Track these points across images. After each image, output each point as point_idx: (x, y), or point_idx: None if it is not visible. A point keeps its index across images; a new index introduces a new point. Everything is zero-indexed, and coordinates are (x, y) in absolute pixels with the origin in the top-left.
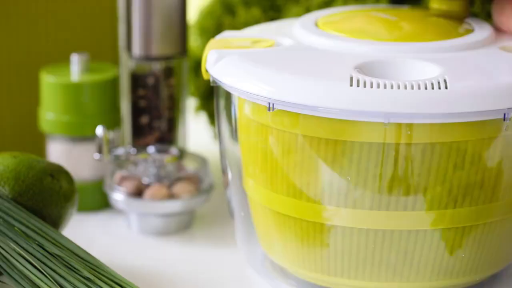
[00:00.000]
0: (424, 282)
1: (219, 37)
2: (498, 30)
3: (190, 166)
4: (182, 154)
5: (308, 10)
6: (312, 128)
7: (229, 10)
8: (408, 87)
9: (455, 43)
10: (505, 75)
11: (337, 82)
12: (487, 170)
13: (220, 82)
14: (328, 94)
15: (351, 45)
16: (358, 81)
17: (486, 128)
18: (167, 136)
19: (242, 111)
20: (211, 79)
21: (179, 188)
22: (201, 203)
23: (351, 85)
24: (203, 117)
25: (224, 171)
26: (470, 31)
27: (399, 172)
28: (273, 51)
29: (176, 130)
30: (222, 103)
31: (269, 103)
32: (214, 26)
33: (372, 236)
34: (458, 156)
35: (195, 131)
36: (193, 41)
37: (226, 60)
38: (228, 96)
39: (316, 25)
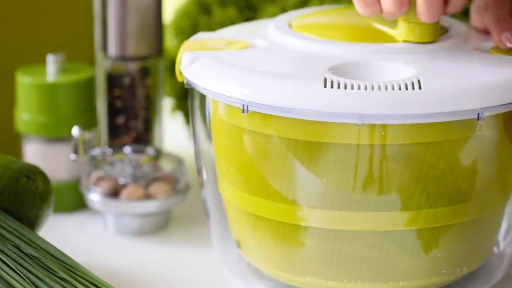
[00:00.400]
0: (400, 282)
1: (193, 38)
2: (475, 29)
3: (166, 166)
4: (158, 154)
5: (284, 9)
6: (287, 129)
7: (205, 10)
8: (382, 88)
9: (429, 43)
10: (479, 75)
11: (311, 83)
12: (461, 170)
13: (194, 84)
14: (302, 96)
15: (325, 47)
16: (332, 82)
17: (461, 128)
18: (143, 136)
19: (216, 112)
20: (185, 81)
21: (155, 188)
22: (177, 203)
23: (325, 87)
24: (179, 117)
25: (199, 172)
26: (444, 31)
27: (374, 173)
28: (247, 53)
29: (152, 130)
30: (196, 104)
31: (243, 105)
32: (190, 26)
33: (347, 237)
34: (432, 156)
35: (172, 131)
36: (169, 41)
37: (200, 62)
38: (202, 97)
39: (290, 26)
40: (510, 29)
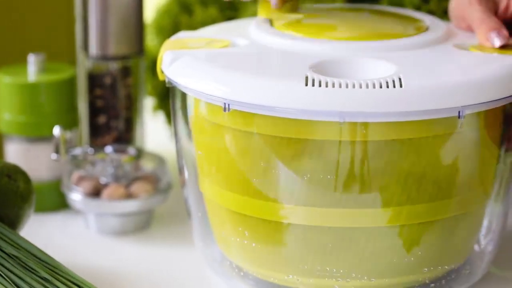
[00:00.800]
0: (382, 279)
1: (174, 37)
2: (455, 27)
3: (147, 165)
4: (139, 153)
5: None
6: (268, 127)
7: (186, 9)
8: (363, 86)
9: (410, 41)
10: (460, 73)
11: (292, 82)
12: (442, 167)
13: (176, 83)
14: (284, 94)
15: (306, 45)
16: (313, 80)
17: (442, 125)
18: (124, 135)
19: (197, 111)
20: (166, 80)
21: (136, 187)
22: (159, 202)
23: (306, 85)
24: (160, 117)
25: (180, 171)
26: (425, 29)
27: (356, 170)
28: (228, 52)
29: (133, 130)
30: (178, 103)
31: (225, 104)
32: (171, 25)
33: (329, 234)
34: (413, 154)
35: (153, 130)
36: (150, 40)
37: (181, 61)
38: (183, 96)
39: (272, 24)
40: (496, 28)
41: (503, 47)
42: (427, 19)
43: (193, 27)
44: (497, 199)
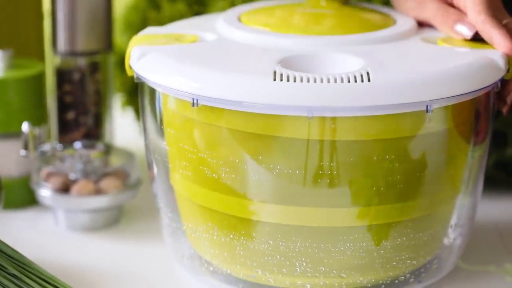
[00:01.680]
0: (352, 276)
1: (142, 33)
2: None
3: (117, 161)
4: (109, 149)
5: (233, 4)
6: (237, 121)
7: (154, 4)
8: (331, 80)
9: (378, 35)
10: (427, 66)
11: (260, 76)
12: (411, 162)
13: (144, 78)
14: (252, 89)
15: (274, 39)
16: (281, 75)
17: (410, 120)
18: (93, 131)
19: (166, 106)
20: (135, 76)
21: (106, 183)
22: (128, 198)
23: (274, 80)
24: (129, 112)
25: (149, 166)
26: (392, 23)
27: (325, 165)
28: (196, 47)
29: (102, 126)
30: (147, 98)
31: (193, 99)
32: (139, 20)
33: (298, 231)
34: (382, 148)
35: (122, 126)
36: (119, 36)
37: (149, 56)
38: (152, 91)
39: (240, 19)
40: (460, 19)
41: (472, 40)
42: (394, 13)
43: (161, 22)
44: (466, 193)
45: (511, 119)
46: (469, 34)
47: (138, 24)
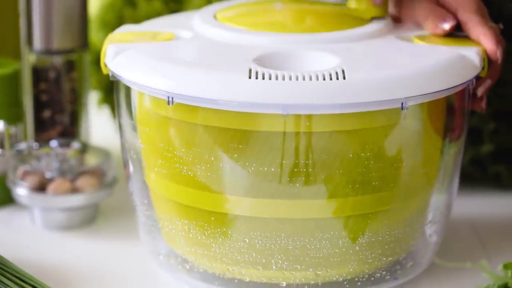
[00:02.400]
0: (327, 271)
1: (118, 31)
2: (394, 19)
3: (93, 159)
4: (85, 147)
5: (209, 2)
6: (213, 118)
7: (130, 2)
8: (306, 78)
9: (353, 33)
10: (403, 64)
11: (235, 74)
12: (386, 158)
13: (119, 76)
14: (227, 87)
15: (250, 37)
16: (256, 73)
17: (385, 117)
18: (69, 130)
19: (142, 104)
20: (110, 74)
21: (82, 182)
22: (105, 196)
23: (249, 77)
24: (106, 111)
25: (125, 164)
26: (368, 20)
27: (300, 162)
28: (172, 45)
29: (78, 124)
30: (122, 96)
31: (168, 97)
32: (115, 19)
33: (275, 225)
34: (358, 145)
35: (98, 124)
36: (94, 34)
37: (124, 54)
38: (128, 89)
39: (215, 17)
40: (443, 15)
41: (448, 37)
42: None
43: (138, 20)
44: (441, 190)
45: (487, 116)
46: (447, 26)
47: (114, 22)
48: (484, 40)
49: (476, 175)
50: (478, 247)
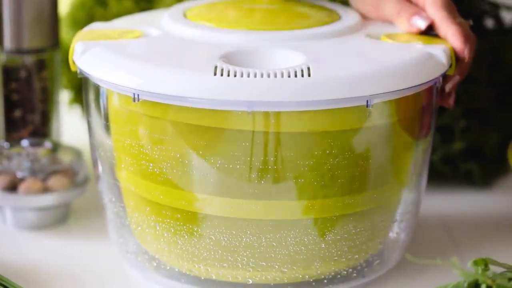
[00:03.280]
0: (294, 269)
1: (87, 28)
2: (364, 17)
3: (64, 159)
4: (56, 147)
5: (180, 0)
6: (180, 115)
7: (101, 1)
8: (271, 75)
9: (321, 30)
10: (368, 62)
11: (201, 72)
12: (354, 158)
13: (87, 73)
14: (192, 84)
15: (218, 35)
16: (222, 70)
17: (352, 114)
18: (41, 129)
19: (111, 101)
20: (78, 71)
21: (53, 181)
22: (76, 196)
23: (215, 75)
24: (77, 110)
25: (94, 164)
26: (337, 18)
27: (268, 161)
28: (140, 42)
29: (50, 123)
30: (91, 94)
31: (134, 94)
32: (86, 17)
33: (244, 225)
34: (324, 143)
35: (70, 123)
36: (65, 33)
37: (92, 51)
38: (97, 87)
39: (185, 15)
40: (417, 12)
41: (417, 35)
42: (340, 9)
43: (108, 19)
44: (410, 187)
45: (458, 114)
46: (423, 24)
47: (84, 21)
48: (451, 37)
49: (448, 173)
50: (449, 244)
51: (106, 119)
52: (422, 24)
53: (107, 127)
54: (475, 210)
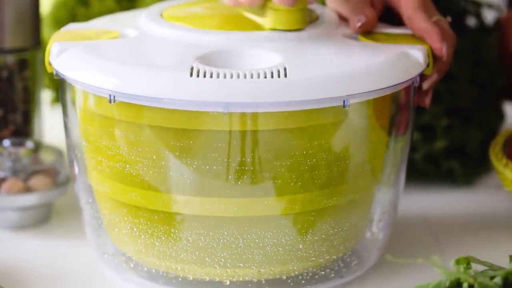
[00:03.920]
0: (272, 268)
1: (64, 29)
2: (341, 18)
3: (46, 158)
4: (38, 147)
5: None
6: (156, 117)
7: (83, 1)
8: (248, 76)
9: (298, 31)
10: (345, 62)
11: (177, 72)
12: (333, 155)
13: (63, 74)
14: (168, 85)
15: (194, 36)
16: (198, 71)
17: (330, 114)
18: (22, 129)
19: (87, 103)
20: (54, 72)
21: (35, 181)
22: (58, 195)
23: (191, 76)
24: (59, 110)
25: (71, 165)
26: (315, 19)
27: (246, 160)
28: (117, 43)
29: (31, 123)
30: (68, 95)
31: (110, 95)
32: (67, 17)
33: (224, 223)
34: (301, 143)
35: (51, 123)
36: (47, 32)
37: (67, 52)
38: (73, 88)
39: (162, 16)
40: (362, 12)
41: (395, 35)
42: (318, 9)
43: (90, 18)
44: (388, 186)
45: (441, 112)
46: (358, 24)
47: (66, 20)
48: (427, 37)
49: (430, 172)
50: (431, 243)
51: (83, 120)
52: (358, 23)
53: (83, 128)
54: (457, 208)
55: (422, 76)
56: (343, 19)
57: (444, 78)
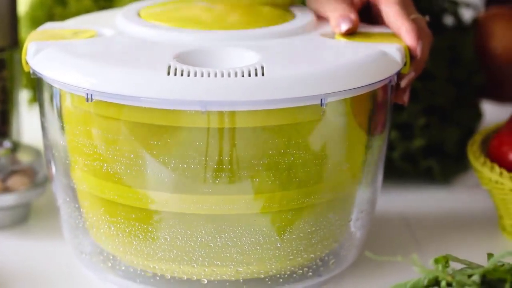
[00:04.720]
0: (249, 267)
1: (41, 28)
2: (319, 17)
3: (24, 158)
4: (16, 146)
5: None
6: (134, 115)
7: (60, 0)
8: (225, 75)
9: (276, 30)
10: (322, 61)
11: (154, 71)
12: (310, 153)
13: (39, 74)
14: (145, 84)
15: (172, 35)
16: (175, 70)
17: (308, 112)
18: (0, 129)
19: (65, 102)
20: (31, 71)
21: (13, 181)
22: (36, 195)
23: (168, 74)
24: (36, 109)
25: (48, 164)
26: (291, 17)
27: (224, 158)
28: (93, 42)
29: (9, 123)
30: (45, 94)
31: (87, 94)
32: (45, 16)
33: (202, 221)
34: (281, 141)
35: (29, 123)
36: (24, 32)
37: (44, 52)
38: (50, 87)
39: (139, 14)
40: (346, 14)
41: (372, 33)
42: (295, 8)
43: (68, 18)
44: (366, 185)
45: (418, 111)
46: (344, 28)
47: (44, 20)
48: (404, 35)
49: (408, 170)
50: (409, 241)
51: (60, 119)
52: (343, 28)
53: (61, 128)
54: (436, 207)
55: (400, 75)
56: (320, 18)
57: (421, 77)
